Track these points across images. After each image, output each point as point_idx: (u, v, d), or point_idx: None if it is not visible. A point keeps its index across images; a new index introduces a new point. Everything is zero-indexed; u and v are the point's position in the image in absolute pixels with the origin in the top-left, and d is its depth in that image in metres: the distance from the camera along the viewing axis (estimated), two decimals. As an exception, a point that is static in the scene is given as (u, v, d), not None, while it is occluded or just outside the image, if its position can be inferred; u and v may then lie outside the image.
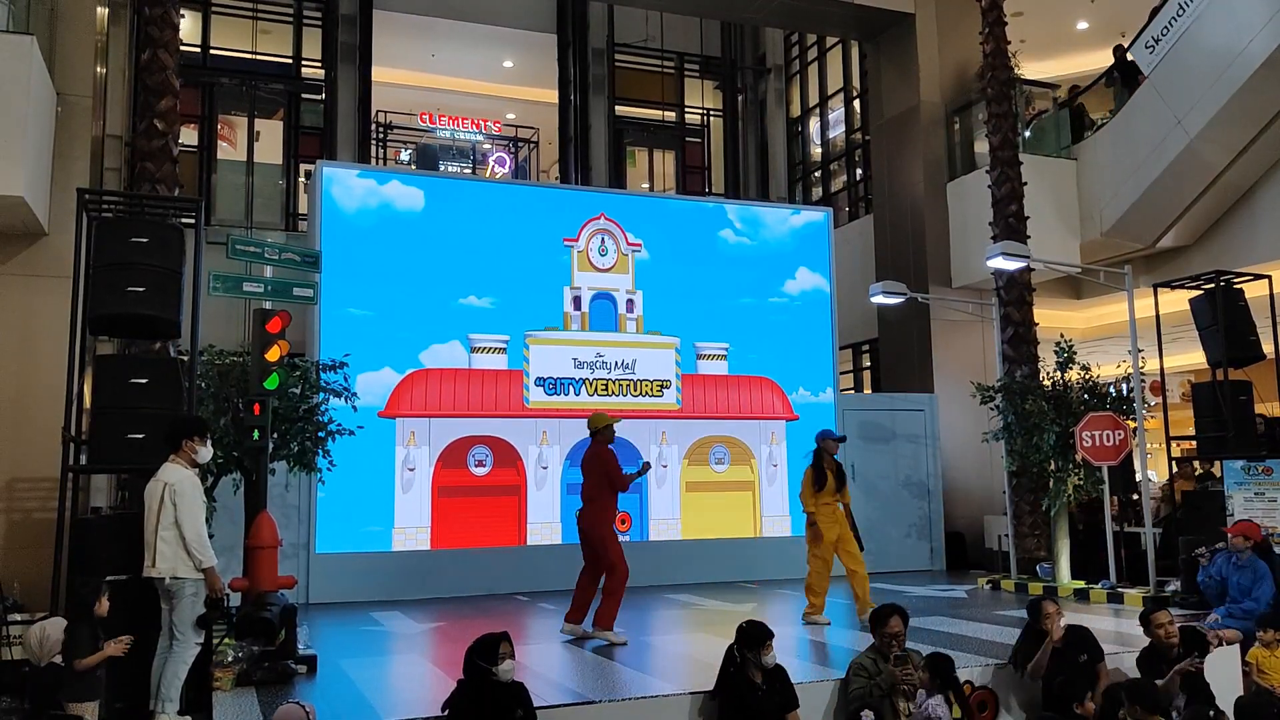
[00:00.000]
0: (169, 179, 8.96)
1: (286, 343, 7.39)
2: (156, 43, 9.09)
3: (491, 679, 5.32)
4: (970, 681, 6.38)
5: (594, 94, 18.23)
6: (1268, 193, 12.38)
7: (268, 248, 8.12)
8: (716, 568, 12.28)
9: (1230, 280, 10.52)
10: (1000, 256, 10.95)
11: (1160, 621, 6.42)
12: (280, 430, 8.17)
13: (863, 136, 17.16)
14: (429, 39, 18.83)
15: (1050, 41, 17.38)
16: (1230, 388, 10.21)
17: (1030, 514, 11.73)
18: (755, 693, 5.75)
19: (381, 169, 15.64)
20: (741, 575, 12.33)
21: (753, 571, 12.40)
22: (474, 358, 11.82)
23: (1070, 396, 11.06)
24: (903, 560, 13.28)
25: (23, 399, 9.42)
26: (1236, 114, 11.56)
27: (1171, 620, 6.48)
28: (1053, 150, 14.10)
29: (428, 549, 11.25)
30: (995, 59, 12.69)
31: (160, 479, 5.81)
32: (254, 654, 6.44)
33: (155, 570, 5.71)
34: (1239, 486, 9.80)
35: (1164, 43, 12.23)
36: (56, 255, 9.61)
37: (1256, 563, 8.10)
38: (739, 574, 12.32)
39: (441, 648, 8.08)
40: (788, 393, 13.11)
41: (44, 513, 9.18)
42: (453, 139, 20.55)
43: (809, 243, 13.53)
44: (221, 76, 15.46)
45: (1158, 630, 6.42)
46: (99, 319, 6.79)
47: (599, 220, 12.57)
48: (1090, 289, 14.52)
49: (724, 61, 19.60)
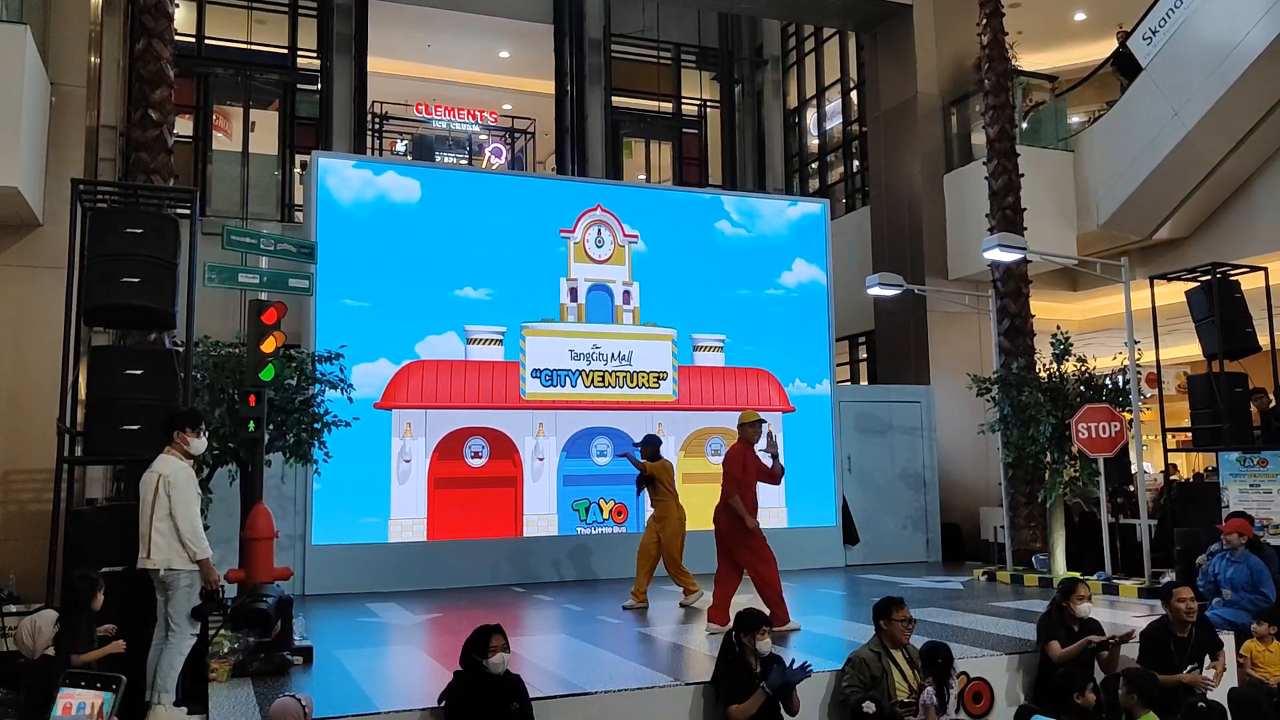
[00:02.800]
0: (164, 170, 8.92)
1: (282, 334, 7.36)
2: (151, 32, 9.04)
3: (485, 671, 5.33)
4: (965, 672, 6.39)
5: (590, 85, 18.18)
6: (1265, 185, 12.38)
7: (263, 239, 8.10)
8: (713, 559, 12.19)
9: (1227, 272, 10.53)
10: (997, 248, 10.95)
11: (1182, 596, 6.56)
12: (276, 422, 8.16)
13: (860, 128, 17.14)
14: (425, 29, 18.76)
15: (1048, 33, 17.35)
16: (1226, 379, 10.23)
17: (1026, 506, 11.75)
18: (753, 677, 5.75)
19: (377, 160, 15.61)
20: (738, 567, 12.31)
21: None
22: (470, 349, 11.80)
23: (1066, 388, 11.06)
24: (898, 552, 13.30)
25: (18, 391, 9.41)
26: (1234, 106, 11.55)
27: (1193, 598, 6.61)
28: (1050, 142, 14.10)
29: (424, 540, 11.25)
30: (993, 50, 12.67)
31: (155, 470, 5.80)
32: (250, 645, 6.43)
33: (150, 562, 5.71)
34: (1234, 478, 9.80)
35: (1161, 34, 12.22)
36: (51, 246, 9.59)
37: (1250, 558, 8.11)
38: (735, 565, 12.30)
39: (438, 639, 8.08)
40: (784, 384, 13.11)
41: (39, 504, 9.17)
42: (449, 130, 20.52)
43: (806, 234, 13.51)
44: (217, 67, 15.41)
45: (1179, 605, 6.53)
46: (94, 310, 6.78)
47: (595, 212, 12.54)
48: (1087, 281, 14.53)
49: (721, 52, 19.55)
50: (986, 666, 6.56)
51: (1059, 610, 6.67)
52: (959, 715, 6.12)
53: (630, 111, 18.86)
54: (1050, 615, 6.73)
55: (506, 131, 21.88)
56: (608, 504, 12.15)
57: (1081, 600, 6.60)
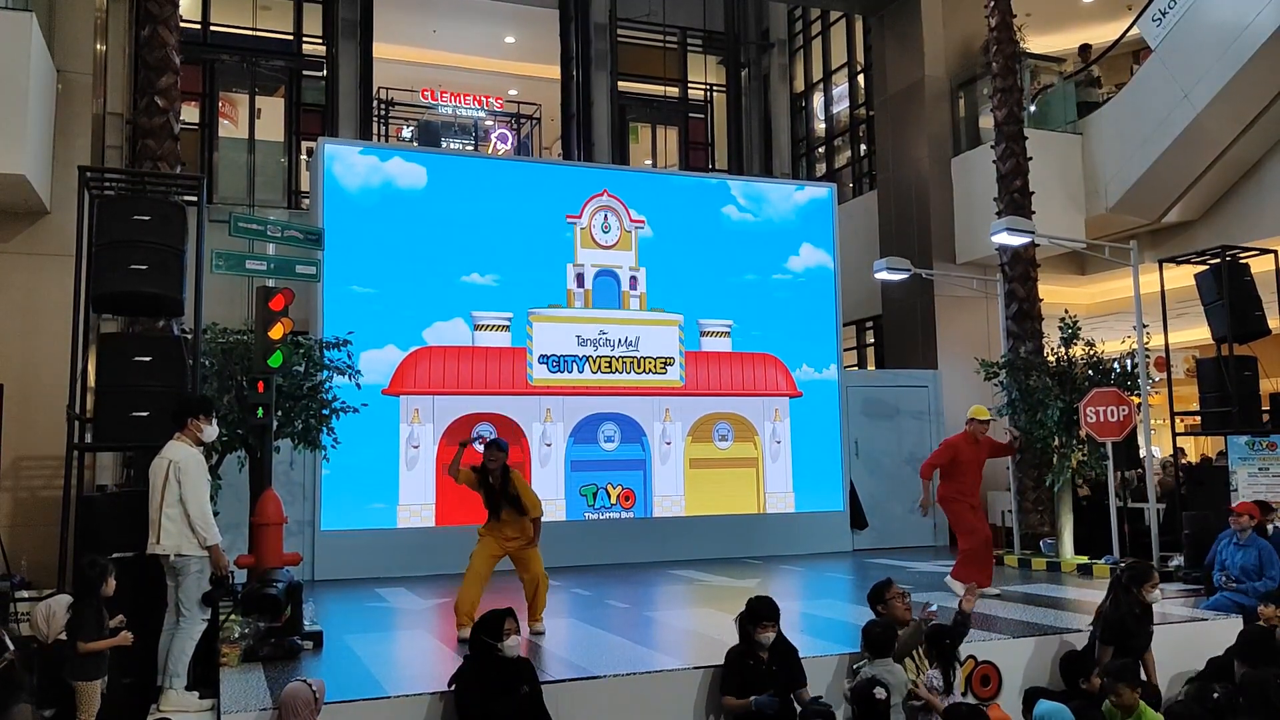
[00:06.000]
0: (170, 157, 8.92)
1: (290, 320, 7.38)
2: (157, 19, 9.02)
3: (497, 655, 5.36)
4: (974, 656, 6.40)
5: (596, 69, 18.11)
6: (1275, 167, 12.31)
7: (270, 225, 8.11)
8: (720, 544, 12.31)
9: (1236, 255, 10.49)
10: (1005, 232, 10.92)
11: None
12: (284, 408, 8.18)
13: (867, 112, 17.05)
14: (430, 14, 18.70)
15: (1056, 15, 17.21)
16: (1235, 363, 10.20)
17: (1034, 490, 11.74)
18: (759, 668, 5.77)
19: (384, 146, 15.60)
20: (745, 551, 12.36)
21: (756, 547, 12.43)
22: (477, 335, 11.81)
23: (1075, 372, 11.04)
24: (906, 536, 13.32)
25: (27, 378, 9.43)
26: (1244, 87, 11.47)
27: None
28: (1058, 125, 14.02)
29: (433, 525, 11.29)
30: (1000, 32, 12.59)
31: (165, 456, 5.82)
32: (260, 630, 6.47)
33: (160, 547, 5.73)
34: (1243, 462, 9.78)
35: (1171, 16, 12.13)
36: (59, 233, 9.61)
37: (1258, 541, 8.10)
38: (742, 550, 12.35)
39: (447, 624, 8.11)
40: (791, 370, 13.10)
41: (50, 490, 9.22)
42: (455, 115, 20.45)
43: (813, 219, 13.48)
44: (222, 53, 15.37)
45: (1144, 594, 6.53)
46: (102, 297, 6.79)
47: (602, 197, 12.52)
48: (1095, 264, 14.47)
49: (727, 36, 19.45)
50: (994, 650, 6.58)
51: (1126, 594, 6.50)
52: (966, 698, 6.14)
53: (636, 96, 18.78)
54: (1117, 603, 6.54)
55: (512, 117, 21.82)
56: (615, 489, 12.17)
57: (1154, 588, 6.51)
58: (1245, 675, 6.09)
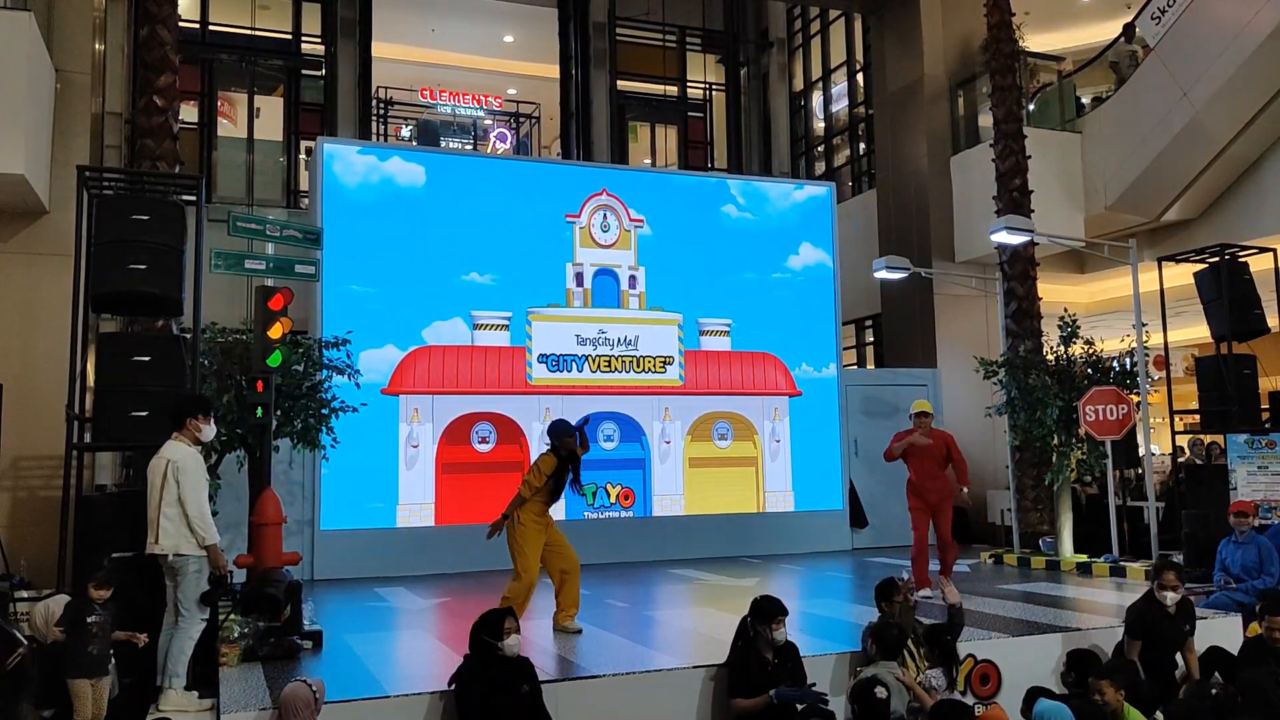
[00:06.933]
0: (169, 156, 8.92)
1: (289, 320, 7.38)
2: (155, 18, 9.01)
3: (497, 654, 5.36)
4: (973, 655, 6.40)
5: (595, 68, 18.10)
6: (1274, 165, 12.31)
7: (269, 225, 8.11)
8: (719, 543, 12.31)
9: (1235, 254, 10.49)
10: (1004, 230, 10.92)
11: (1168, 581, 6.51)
12: (283, 407, 8.18)
13: (866, 111, 17.05)
14: (429, 13, 18.69)
15: (1054, 14, 17.23)
16: (1234, 362, 10.20)
17: (1033, 488, 11.75)
18: (765, 668, 5.76)
19: (382, 145, 15.59)
20: (744, 550, 12.36)
21: (755, 546, 12.43)
22: (476, 334, 11.81)
23: (1074, 371, 11.05)
24: (906, 535, 13.13)
25: (26, 377, 9.43)
26: (1243, 86, 11.48)
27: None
28: (1057, 123, 14.02)
29: (432, 525, 11.29)
30: (999, 31, 12.59)
31: (163, 456, 5.81)
32: (260, 630, 6.46)
33: (158, 547, 5.73)
34: (1242, 460, 9.79)
35: (1170, 14, 12.13)
36: (58, 233, 9.61)
37: (1257, 539, 8.11)
38: (742, 549, 12.35)
39: (446, 623, 8.11)
40: (791, 368, 13.10)
41: (49, 490, 9.21)
42: (454, 115, 20.45)
43: (812, 218, 13.48)
44: (221, 53, 15.36)
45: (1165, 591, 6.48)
46: (101, 297, 6.80)
47: (601, 196, 12.51)
48: (1094, 263, 14.48)
49: (726, 35, 19.45)
50: (994, 648, 6.57)
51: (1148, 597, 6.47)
52: (966, 696, 6.14)
53: (635, 95, 18.76)
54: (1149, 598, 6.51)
55: (511, 116, 21.81)
56: (615, 488, 12.18)
57: (1170, 586, 6.46)
58: (1244, 675, 6.09)
